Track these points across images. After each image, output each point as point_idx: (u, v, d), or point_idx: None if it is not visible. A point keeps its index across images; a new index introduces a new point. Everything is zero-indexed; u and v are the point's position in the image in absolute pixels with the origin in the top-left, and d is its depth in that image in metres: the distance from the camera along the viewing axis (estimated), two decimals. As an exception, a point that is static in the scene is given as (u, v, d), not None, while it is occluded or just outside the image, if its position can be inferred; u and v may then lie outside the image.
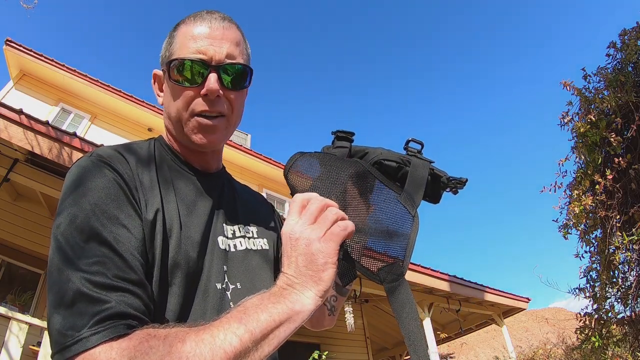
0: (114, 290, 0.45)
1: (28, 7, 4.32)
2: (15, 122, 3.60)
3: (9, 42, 6.28)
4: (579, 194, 3.24)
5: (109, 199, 0.52)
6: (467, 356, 19.98)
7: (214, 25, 0.63)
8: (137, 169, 0.58)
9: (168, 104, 0.66)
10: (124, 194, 0.54)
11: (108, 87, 7.12)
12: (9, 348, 3.23)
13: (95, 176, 0.53)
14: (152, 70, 0.73)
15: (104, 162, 0.55)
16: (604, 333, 3.16)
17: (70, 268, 0.46)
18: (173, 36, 0.66)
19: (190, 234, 0.59)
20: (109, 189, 0.53)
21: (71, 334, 0.42)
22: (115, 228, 0.50)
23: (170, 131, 0.69)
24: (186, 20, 0.66)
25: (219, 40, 0.62)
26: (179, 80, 0.62)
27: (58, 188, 4.31)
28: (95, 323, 0.42)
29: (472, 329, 8.76)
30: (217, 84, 0.61)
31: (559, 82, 3.44)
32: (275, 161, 8.64)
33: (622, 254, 3.01)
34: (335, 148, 0.62)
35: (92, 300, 0.43)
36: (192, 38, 0.62)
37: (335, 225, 0.47)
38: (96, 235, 0.48)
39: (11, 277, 4.81)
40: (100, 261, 0.46)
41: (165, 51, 0.66)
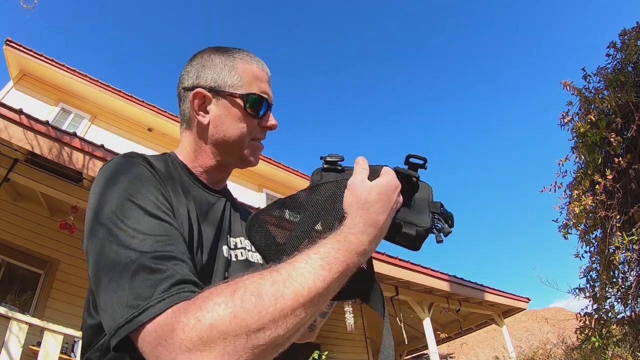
0: (170, 259, 0.48)
1: (28, 7, 4.33)
2: (15, 122, 3.60)
3: (9, 42, 6.28)
4: (579, 194, 3.24)
5: (151, 185, 0.57)
6: (467, 356, 19.98)
7: (267, 70, 0.77)
8: (162, 175, 0.64)
9: (228, 127, 0.72)
10: (161, 186, 0.60)
11: (108, 87, 7.12)
12: (9, 348, 3.23)
13: (135, 167, 0.59)
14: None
15: (139, 161, 0.61)
16: (604, 333, 3.16)
17: (124, 246, 0.48)
18: (232, 67, 0.73)
19: (204, 239, 0.65)
20: (149, 178, 0.58)
21: (138, 304, 0.43)
22: (159, 211, 0.54)
23: (210, 151, 0.74)
24: (242, 57, 0.75)
25: (269, 84, 0.76)
26: (254, 113, 0.72)
27: (58, 188, 4.31)
28: (161, 291, 0.44)
29: (472, 329, 8.76)
30: (275, 120, 0.76)
31: (559, 82, 3.44)
32: (275, 161, 8.64)
33: (622, 254, 3.01)
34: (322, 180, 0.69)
35: (153, 271, 0.45)
36: (258, 78, 0.74)
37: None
38: (144, 215, 0.52)
39: (11, 277, 4.81)
40: (152, 236, 0.50)
41: (224, 76, 0.72)
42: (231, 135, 0.72)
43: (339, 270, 0.47)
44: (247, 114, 0.72)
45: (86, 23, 40.97)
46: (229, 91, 0.71)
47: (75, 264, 5.31)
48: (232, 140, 0.72)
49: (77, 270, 5.29)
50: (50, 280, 5.03)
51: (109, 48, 60.32)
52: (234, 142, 0.72)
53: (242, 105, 0.71)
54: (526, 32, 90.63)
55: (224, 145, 0.73)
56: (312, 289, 0.43)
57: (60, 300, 5.00)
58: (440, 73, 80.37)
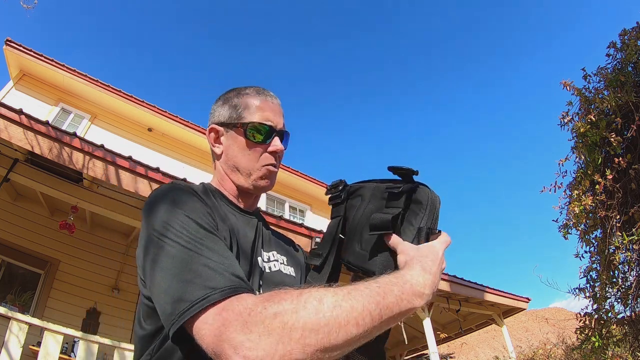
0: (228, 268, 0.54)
1: (28, 7, 4.32)
2: (15, 122, 3.60)
3: (9, 42, 6.28)
4: (579, 194, 3.24)
5: (198, 204, 0.65)
6: (467, 356, 19.98)
7: (273, 101, 0.84)
8: (204, 198, 0.71)
9: (236, 155, 0.81)
10: (206, 206, 0.67)
11: (108, 87, 7.12)
12: (9, 348, 3.23)
13: (185, 193, 0.67)
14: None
15: (186, 188, 0.69)
16: (604, 333, 3.16)
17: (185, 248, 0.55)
18: (237, 103, 0.83)
19: (240, 252, 0.72)
20: (198, 202, 0.66)
21: (202, 294, 0.49)
22: (208, 224, 0.62)
23: (228, 177, 0.83)
24: (248, 92, 0.84)
25: (277, 113, 0.83)
26: (255, 139, 0.79)
27: (58, 188, 4.31)
28: (226, 281, 0.51)
29: (472, 329, 8.75)
30: (280, 144, 0.82)
31: (559, 82, 3.44)
32: (275, 161, 8.64)
33: (622, 254, 3.01)
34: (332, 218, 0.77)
35: (216, 271, 0.52)
36: (260, 109, 0.81)
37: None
38: (198, 226, 0.59)
39: (11, 277, 4.81)
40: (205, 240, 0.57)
41: (231, 112, 0.82)
42: (239, 162, 0.81)
43: (392, 301, 0.50)
44: (251, 142, 0.79)
45: (86, 23, 41.05)
46: (233, 122, 0.81)
47: (75, 264, 5.31)
48: (241, 167, 0.81)
49: (77, 270, 5.29)
50: (50, 280, 5.03)
51: (109, 48, 60.42)
52: (242, 168, 0.81)
53: (244, 134, 0.80)
54: (526, 32, 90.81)
55: (237, 171, 0.82)
56: (366, 309, 0.47)
57: (60, 300, 5.00)
58: (440, 72, 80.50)
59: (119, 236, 5.90)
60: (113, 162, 3.99)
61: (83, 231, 5.43)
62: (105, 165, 3.95)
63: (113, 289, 5.47)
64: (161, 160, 7.09)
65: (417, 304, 0.54)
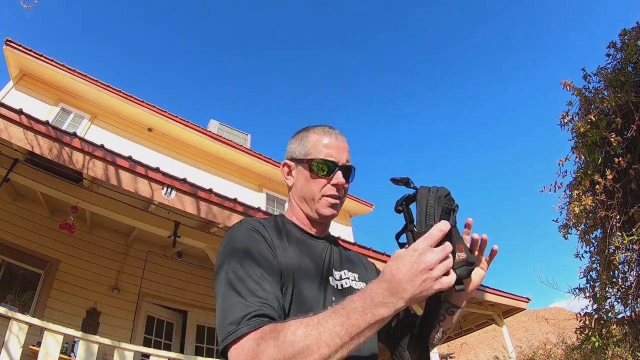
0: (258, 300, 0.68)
1: (28, 7, 4.32)
2: (15, 122, 3.60)
3: (9, 42, 6.28)
4: (579, 194, 3.24)
5: (258, 248, 0.78)
6: (467, 356, 19.97)
7: (338, 138, 0.94)
8: (271, 234, 0.84)
9: (302, 187, 0.93)
10: (270, 250, 0.79)
11: (108, 87, 7.12)
12: (9, 348, 3.23)
13: (247, 231, 0.81)
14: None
15: (252, 229, 0.82)
16: (604, 333, 3.16)
17: (234, 289, 0.71)
18: (306, 141, 0.94)
19: (309, 273, 0.83)
20: (257, 242, 0.79)
21: (233, 328, 0.64)
22: (261, 263, 0.75)
23: (298, 206, 0.95)
24: (316, 130, 0.96)
25: (342, 150, 0.93)
26: (319, 173, 0.90)
27: (58, 188, 4.31)
28: (249, 318, 0.65)
29: (472, 329, 8.75)
30: (342, 178, 0.90)
31: (559, 82, 3.44)
32: (276, 161, 8.63)
33: (622, 254, 3.01)
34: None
35: (246, 307, 0.67)
36: (325, 146, 0.92)
37: (435, 280, 0.59)
38: (248, 265, 0.74)
39: (11, 277, 4.80)
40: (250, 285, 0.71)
41: (300, 149, 0.95)
42: (305, 193, 0.92)
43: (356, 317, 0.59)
44: (315, 175, 0.91)
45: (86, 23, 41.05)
46: (300, 158, 0.94)
47: (75, 264, 5.31)
48: (307, 197, 0.92)
49: (77, 270, 5.29)
50: (50, 280, 5.03)
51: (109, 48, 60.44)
52: (307, 198, 0.92)
53: (309, 168, 0.91)
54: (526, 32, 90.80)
55: (304, 201, 0.93)
56: (332, 331, 0.58)
57: (60, 300, 5.00)
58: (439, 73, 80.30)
59: (119, 236, 5.90)
60: (113, 162, 3.99)
61: (83, 231, 5.43)
62: (105, 165, 3.95)
63: (113, 289, 5.47)
64: (161, 160, 7.09)
65: (384, 312, 0.59)
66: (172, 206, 4.26)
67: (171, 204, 4.23)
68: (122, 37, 50.02)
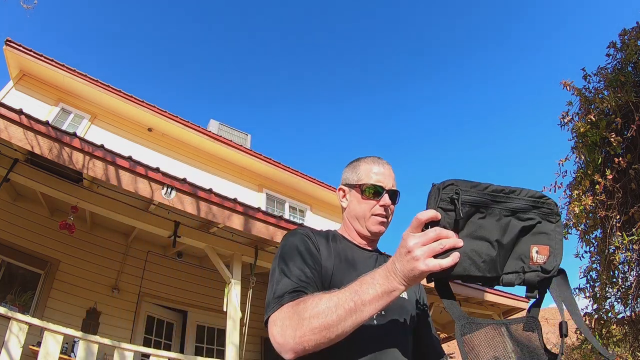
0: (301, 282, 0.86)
1: (28, 7, 4.32)
2: (15, 122, 3.60)
3: (9, 42, 6.28)
4: (579, 194, 3.24)
5: (306, 248, 0.95)
6: (467, 356, 19.95)
7: (385, 167, 1.11)
8: (319, 240, 1.01)
9: (355, 207, 1.09)
10: (315, 249, 0.96)
11: (108, 87, 7.12)
12: (9, 348, 3.23)
13: (299, 235, 0.99)
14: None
15: (303, 234, 0.99)
16: (604, 333, 3.16)
17: (283, 274, 0.88)
18: (358, 169, 1.11)
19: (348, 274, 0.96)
20: (305, 241, 0.97)
21: (278, 300, 0.81)
22: (306, 258, 0.92)
23: (351, 224, 1.11)
24: (367, 160, 1.13)
25: (388, 176, 1.09)
26: (369, 196, 1.06)
27: (58, 188, 4.30)
28: (287, 294, 0.81)
29: (472, 329, 8.75)
30: (389, 200, 1.06)
31: (559, 82, 3.44)
32: (275, 161, 8.64)
33: (622, 254, 3.01)
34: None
35: (290, 285, 0.84)
36: (375, 173, 1.08)
37: (437, 261, 0.64)
38: (296, 258, 0.92)
39: (11, 277, 4.80)
40: (295, 272, 0.88)
41: (353, 176, 1.11)
42: (357, 213, 1.08)
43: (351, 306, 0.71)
44: (366, 198, 1.06)
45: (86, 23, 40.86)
46: (353, 184, 1.10)
47: (75, 264, 5.31)
48: (359, 216, 1.08)
49: (77, 270, 5.29)
50: (50, 280, 5.03)
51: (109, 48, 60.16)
52: (359, 217, 1.08)
53: (360, 192, 1.07)
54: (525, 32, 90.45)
55: (355, 219, 1.09)
56: (340, 305, 0.71)
57: (60, 300, 5.00)
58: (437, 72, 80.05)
59: (119, 236, 5.90)
60: (113, 162, 3.99)
61: (83, 231, 5.43)
62: (105, 165, 3.95)
63: (113, 289, 5.47)
64: (161, 160, 7.09)
65: (386, 286, 0.69)
66: (172, 206, 4.26)
67: (171, 204, 4.23)
68: (122, 37, 50.01)
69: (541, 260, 0.67)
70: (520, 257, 0.68)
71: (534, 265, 0.67)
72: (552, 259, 0.68)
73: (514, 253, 0.68)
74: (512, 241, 0.68)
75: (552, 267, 0.67)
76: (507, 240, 0.67)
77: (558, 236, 0.70)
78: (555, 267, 0.67)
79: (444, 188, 0.68)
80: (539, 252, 0.67)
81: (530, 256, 0.67)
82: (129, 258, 5.81)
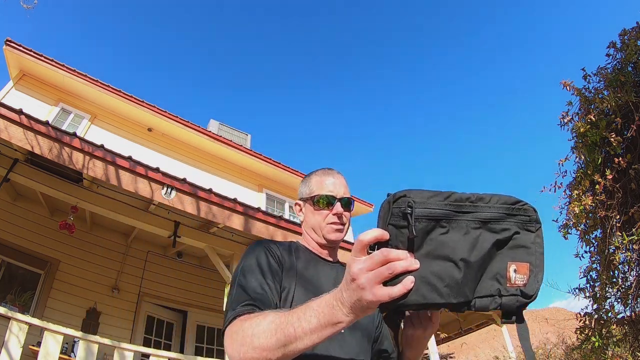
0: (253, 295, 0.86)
1: (28, 7, 4.32)
2: (15, 122, 3.60)
3: (9, 42, 6.28)
4: (579, 194, 3.24)
5: (267, 261, 0.95)
6: (467, 356, 19.96)
7: (336, 176, 1.14)
8: (282, 251, 1.01)
9: (310, 219, 1.12)
10: (276, 263, 0.96)
11: (108, 87, 7.12)
12: (9, 348, 3.23)
13: (260, 246, 1.00)
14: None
15: (267, 247, 0.99)
16: (604, 333, 3.16)
17: (240, 287, 0.89)
18: (310, 182, 1.15)
19: (310, 285, 0.98)
20: (266, 256, 0.97)
21: (232, 313, 0.81)
22: (265, 271, 0.92)
23: (309, 235, 1.13)
24: (317, 173, 1.16)
25: (338, 185, 1.12)
26: (321, 205, 1.09)
27: (58, 188, 4.30)
28: (240, 307, 0.81)
29: (472, 329, 8.75)
30: (341, 208, 1.10)
31: (559, 82, 3.44)
32: (275, 161, 8.63)
33: (622, 254, 3.01)
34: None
35: (245, 298, 0.84)
36: (326, 184, 1.12)
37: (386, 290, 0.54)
38: (256, 271, 0.92)
39: (11, 277, 4.80)
40: (251, 285, 0.89)
41: (306, 189, 1.15)
42: (313, 224, 1.11)
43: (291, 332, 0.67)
44: (319, 208, 1.10)
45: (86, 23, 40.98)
46: (306, 197, 1.14)
47: (75, 264, 5.31)
48: (314, 227, 1.11)
49: (77, 270, 5.29)
50: (50, 280, 5.03)
51: (109, 48, 60.12)
52: (315, 228, 1.11)
53: (313, 203, 1.11)
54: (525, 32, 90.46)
55: (312, 230, 1.12)
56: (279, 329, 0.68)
57: (60, 300, 5.00)
58: (437, 72, 79.97)
59: (119, 236, 5.90)
60: (113, 162, 3.99)
61: (83, 231, 5.43)
62: (105, 165, 3.95)
63: (113, 289, 5.47)
64: (161, 160, 7.09)
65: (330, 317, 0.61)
66: (172, 206, 4.26)
67: (171, 204, 4.23)
68: (122, 37, 49.95)
69: (520, 281, 0.58)
70: (495, 277, 0.58)
71: (512, 287, 0.57)
72: (532, 280, 0.58)
73: (489, 272, 0.58)
74: (483, 258, 0.57)
75: (534, 291, 0.58)
76: (477, 257, 0.56)
77: (539, 249, 0.60)
78: (536, 290, 0.58)
79: (395, 201, 0.57)
80: (517, 271, 0.58)
81: (508, 276, 0.57)
82: (129, 258, 5.81)
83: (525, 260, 0.59)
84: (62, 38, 44.78)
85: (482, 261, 0.57)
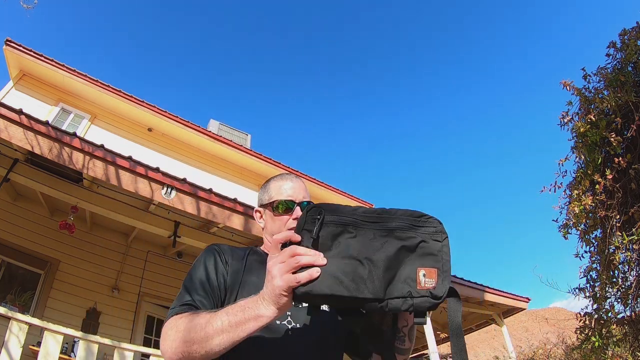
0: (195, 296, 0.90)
1: (28, 7, 4.32)
2: (15, 122, 3.60)
3: (9, 42, 6.28)
4: (579, 193, 3.24)
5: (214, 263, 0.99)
6: (467, 356, 19.91)
7: (294, 181, 1.13)
8: (233, 257, 1.03)
9: (270, 225, 1.11)
10: (223, 265, 0.99)
11: (108, 87, 7.12)
12: (9, 348, 3.23)
13: (210, 250, 1.04)
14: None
15: (216, 250, 1.03)
16: (604, 333, 3.16)
17: (184, 288, 0.93)
18: (269, 188, 1.14)
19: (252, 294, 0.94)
20: (213, 256, 1.01)
21: (170, 311, 0.86)
22: (210, 273, 0.96)
23: (266, 242, 1.14)
24: (275, 179, 1.16)
25: (297, 189, 1.10)
26: (280, 211, 1.07)
27: (58, 188, 4.31)
28: (179, 307, 0.85)
29: (472, 329, 8.76)
30: (301, 212, 1.03)
31: (559, 82, 3.44)
32: (275, 161, 8.64)
33: (622, 254, 3.01)
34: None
35: (186, 298, 0.89)
36: (285, 189, 1.10)
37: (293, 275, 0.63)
38: (201, 273, 0.96)
39: (11, 277, 4.80)
40: (195, 287, 0.93)
41: (265, 196, 1.14)
42: (273, 230, 1.09)
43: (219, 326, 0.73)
44: (278, 214, 1.08)
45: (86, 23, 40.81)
46: (265, 203, 1.12)
47: (75, 264, 5.31)
48: (275, 232, 1.07)
49: (77, 270, 5.29)
50: (50, 280, 5.03)
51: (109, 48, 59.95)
52: (276, 233, 1.06)
53: (272, 209, 1.09)
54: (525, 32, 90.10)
55: (271, 237, 1.06)
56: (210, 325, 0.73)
57: (60, 300, 5.00)
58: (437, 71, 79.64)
59: (119, 236, 5.90)
60: (113, 162, 3.99)
61: (83, 231, 5.43)
62: (105, 165, 3.95)
63: (113, 289, 5.47)
64: (161, 160, 7.09)
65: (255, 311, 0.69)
66: (172, 206, 4.27)
67: (171, 204, 4.23)
68: (122, 37, 49.94)
69: (430, 284, 0.64)
70: (406, 281, 0.64)
71: (422, 289, 0.64)
72: (440, 283, 0.65)
73: (400, 276, 0.64)
74: (390, 260, 0.64)
75: (442, 292, 0.65)
76: (382, 258, 0.64)
77: (445, 257, 0.67)
78: (445, 292, 0.65)
79: (309, 211, 0.68)
80: (426, 276, 0.64)
81: (417, 280, 0.64)
82: (129, 258, 5.81)
83: (434, 266, 0.66)
84: (62, 38, 44.79)
85: (389, 263, 0.64)
